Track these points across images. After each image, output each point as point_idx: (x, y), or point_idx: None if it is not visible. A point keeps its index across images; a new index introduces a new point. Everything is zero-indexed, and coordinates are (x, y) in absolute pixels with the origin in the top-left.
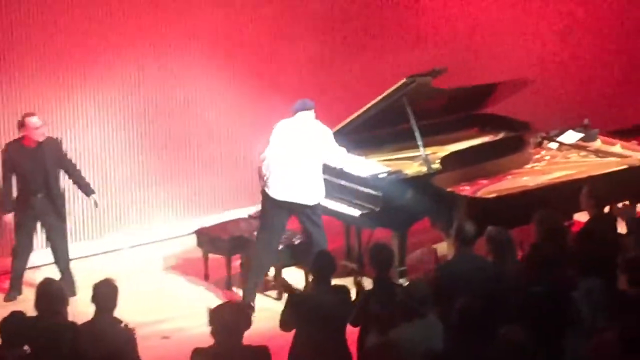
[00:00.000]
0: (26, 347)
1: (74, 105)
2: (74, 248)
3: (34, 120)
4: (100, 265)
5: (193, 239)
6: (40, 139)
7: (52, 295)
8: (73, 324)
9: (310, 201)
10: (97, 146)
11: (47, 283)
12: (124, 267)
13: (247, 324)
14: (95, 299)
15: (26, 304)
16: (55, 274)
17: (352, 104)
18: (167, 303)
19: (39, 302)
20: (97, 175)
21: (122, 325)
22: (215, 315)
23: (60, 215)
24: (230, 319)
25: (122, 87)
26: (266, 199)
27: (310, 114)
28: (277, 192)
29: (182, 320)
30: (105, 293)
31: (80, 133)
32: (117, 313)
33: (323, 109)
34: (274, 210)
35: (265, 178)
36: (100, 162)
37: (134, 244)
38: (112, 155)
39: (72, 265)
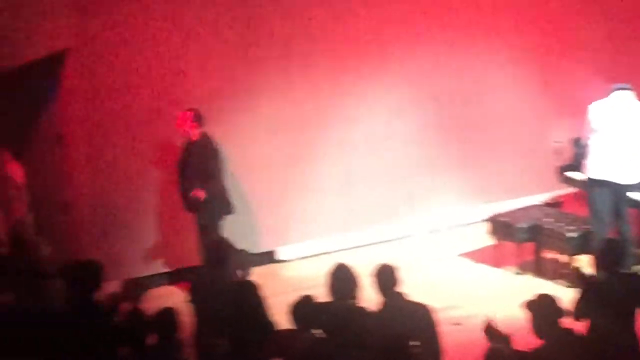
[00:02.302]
0: (318, 331)
1: (369, 94)
2: (363, 235)
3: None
4: (393, 252)
5: (484, 226)
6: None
7: (346, 280)
8: (362, 309)
9: (629, 180)
10: (386, 133)
11: (340, 268)
12: (416, 253)
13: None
14: (377, 283)
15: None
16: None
17: None
18: (459, 289)
19: (332, 286)
20: (388, 160)
21: (415, 302)
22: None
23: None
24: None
25: (416, 78)
26: (588, 182)
27: (630, 94)
28: (597, 171)
29: (473, 307)
30: (386, 274)
31: (371, 120)
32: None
33: None
34: (595, 191)
35: (586, 161)
36: (391, 148)
37: (426, 230)
38: (404, 141)
39: (363, 252)
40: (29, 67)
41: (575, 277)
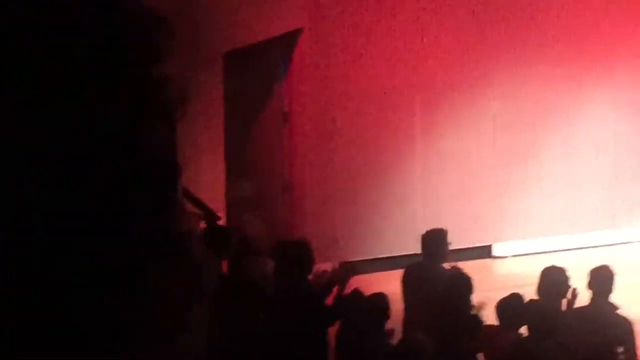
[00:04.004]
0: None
1: (594, 97)
2: (580, 237)
3: None
4: (609, 257)
5: None
6: None
7: (555, 281)
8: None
9: None
10: (610, 136)
11: (551, 269)
12: (633, 260)
13: None
14: (591, 284)
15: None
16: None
17: None
18: None
19: (541, 287)
20: (613, 164)
21: (619, 314)
22: None
23: None
24: None
25: None
26: None
27: None
28: None
29: None
30: (603, 278)
31: (595, 123)
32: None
33: None
34: None
35: None
36: (617, 151)
37: None
38: (631, 144)
39: (578, 255)
40: (262, 46)
41: None
